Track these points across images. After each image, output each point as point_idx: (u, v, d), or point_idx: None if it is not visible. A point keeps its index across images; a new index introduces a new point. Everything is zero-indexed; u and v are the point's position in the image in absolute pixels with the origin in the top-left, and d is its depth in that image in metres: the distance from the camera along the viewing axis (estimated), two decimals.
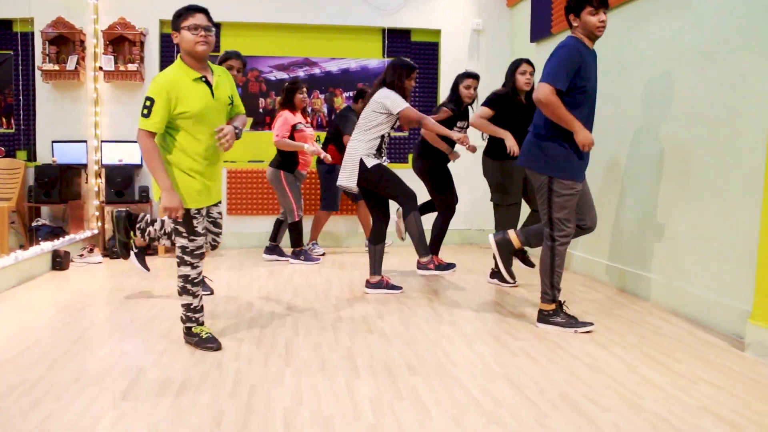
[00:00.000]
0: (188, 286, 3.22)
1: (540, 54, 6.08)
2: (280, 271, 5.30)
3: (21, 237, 5.84)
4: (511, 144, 4.45)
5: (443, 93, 6.89)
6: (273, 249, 5.87)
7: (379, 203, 4.49)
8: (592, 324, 3.60)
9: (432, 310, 4.05)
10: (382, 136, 4.35)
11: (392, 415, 2.41)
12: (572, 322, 3.60)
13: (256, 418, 2.37)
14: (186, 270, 3.20)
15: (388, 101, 4.26)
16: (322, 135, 6.55)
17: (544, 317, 3.65)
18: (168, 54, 6.55)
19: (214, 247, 3.59)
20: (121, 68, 6.27)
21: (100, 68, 6.29)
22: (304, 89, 5.69)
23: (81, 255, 5.64)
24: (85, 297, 4.35)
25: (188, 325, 3.26)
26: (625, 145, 4.61)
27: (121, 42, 6.35)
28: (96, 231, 6.24)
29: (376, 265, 4.52)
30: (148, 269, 4.39)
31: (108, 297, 4.34)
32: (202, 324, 3.28)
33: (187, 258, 3.19)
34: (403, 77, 4.37)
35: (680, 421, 2.38)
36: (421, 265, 4.43)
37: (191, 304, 3.24)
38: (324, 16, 6.68)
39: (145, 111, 2.98)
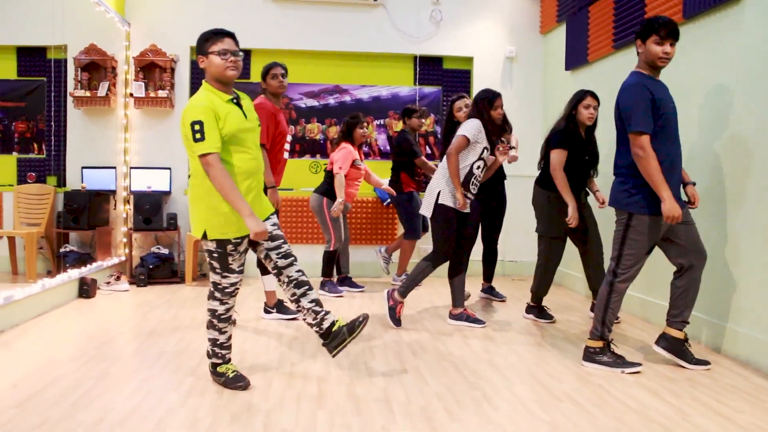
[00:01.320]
0: (215, 321, 3.10)
1: (576, 82, 5.96)
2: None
3: (49, 263, 5.80)
4: (572, 213, 4.27)
5: None
6: (343, 281, 5.78)
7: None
8: (640, 365, 3.41)
9: (468, 347, 3.89)
10: (470, 169, 4.25)
11: None
12: (619, 362, 3.42)
13: None
14: (214, 305, 3.09)
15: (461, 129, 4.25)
16: (385, 165, 6.36)
17: (589, 355, 3.48)
18: (198, 81, 6.53)
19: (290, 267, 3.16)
20: (152, 95, 6.26)
21: (131, 95, 6.29)
22: (365, 124, 5.63)
23: (108, 282, 5.58)
24: (111, 328, 4.26)
25: (214, 361, 3.13)
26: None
27: (152, 68, 6.35)
28: (123, 258, 6.19)
29: (456, 298, 4.45)
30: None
31: (134, 329, 4.25)
32: (228, 362, 3.15)
33: (217, 294, 3.07)
34: (485, 109, 4.27)
35: None
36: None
37: (217, 340, 3.12)
38: (355, 43, 6.63)
39: (198, 135, 2.82)
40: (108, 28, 6.17)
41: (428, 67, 6.82)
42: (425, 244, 6.03)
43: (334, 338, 3.11)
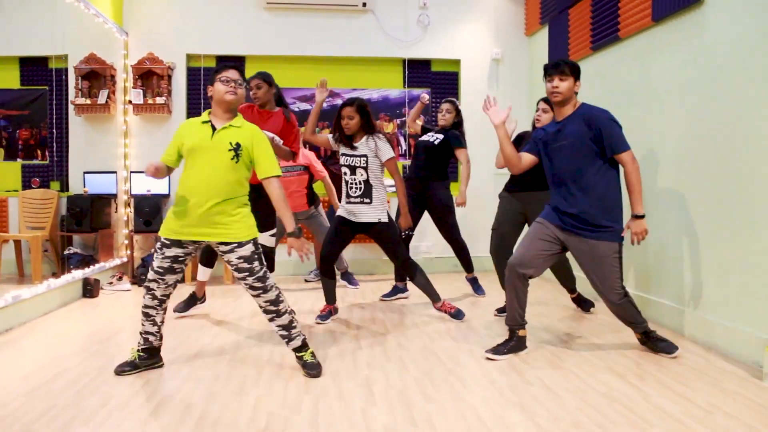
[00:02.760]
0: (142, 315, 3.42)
1: None
2: (303, 300, 5.39)
3: (53, 265, 6.02)
4: None
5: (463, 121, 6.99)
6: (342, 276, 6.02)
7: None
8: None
9: (452, 339, 4.10)
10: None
11: None
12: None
13: None
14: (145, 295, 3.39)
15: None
16: None
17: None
18: (194, 87, 6.76)
19: (255, 298, 3.37)
20: (150, 101, 6.49)
21: (130, 102, 6.51)
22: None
23: (110, 283, 5.81)
24: (114, 325, 4.48)
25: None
26: (644, 176, 4.63)
27: (150, 76, 6.58)
28: (125, 259, 6.41)
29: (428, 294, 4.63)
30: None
31: (135, 325, 4.46)
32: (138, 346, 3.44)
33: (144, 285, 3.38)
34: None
35: None
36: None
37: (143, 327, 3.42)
38: (345, 48, 6.84)
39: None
40: (107, 37, 6.39)
41: (417, 70, 7.04)
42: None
43: (299, 359, 3.44)
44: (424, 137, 5.34)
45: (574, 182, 3.55)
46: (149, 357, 3.42)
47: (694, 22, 4.05)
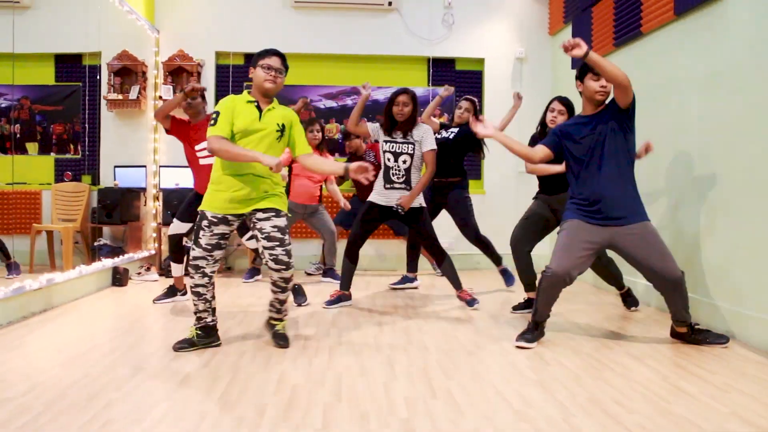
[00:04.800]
0: (194, 293, 3.50)
1: None
2: (327, 290, 5.48)
3: (84, 256, 6.18)
4: None
5: (487, 119, 7.05)
6: (326, 272, 6.10)
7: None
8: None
9: (472, 325, 4.16)
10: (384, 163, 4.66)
11: (426, 412, 2.54)
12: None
13: (297, 412, 2.53)
14: (193, 274, 3.45)
15: None
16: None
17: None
18: (223, 83, 6.91)
19: (274, 272, 3.45)
20: None
21: (160, 97, 6.68)
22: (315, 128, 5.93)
23: (139, 273, 5.95)
24: (143, 309, 4.61)
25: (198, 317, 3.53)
26: (665, 167, 4.66)
27: (180, 72, 6.74)
28: (153, 251, 6.57)
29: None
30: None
31: (163, 309, 4.59)
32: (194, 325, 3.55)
33: (189, 268, 3.46)
34: (387, 106, 4.62)
35: (707, 423, 2.44)
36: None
37: (196, 305, 3.52)
38: (371, 46, 6.95)
39: (212, 122, 3.34)
40: (139, 35, 6.57)
41: (441, 69, 7.12)
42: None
43: (268, 326, 3.71)
44: (441, 135, 5.36)
45: (614, 171, 3.58)
46: (206, 336, 3.51)
47: (716, 15, 4.08)
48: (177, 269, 4.86)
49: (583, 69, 3.63)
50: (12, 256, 4.79)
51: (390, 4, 6.85)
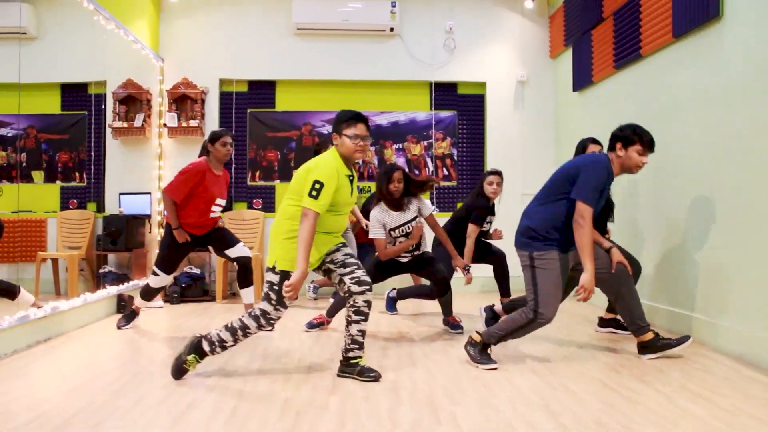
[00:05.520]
0: (239, 333, 3.37)
1: (583, 102, 6.24)
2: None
3: (89, 284, 6.20)
4: None
5: (489, 142, 7.10)
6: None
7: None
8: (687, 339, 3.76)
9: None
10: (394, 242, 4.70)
11: None
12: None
13: None
14: (251, 324, 3.35)
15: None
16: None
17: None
18: (226, 111, 6.97)
19: (358, 295, 3.40)
20: (184, 124, 6.71)
21: (165, 125, 6.74)
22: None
23: None
24: (148, 336, 4.61)
25: (203, 348, 3.39)
26: (667, 187, 4.67)
27: (184, 100, 6.81)
28: None
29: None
30: None
31: (168, 336, 4.59)
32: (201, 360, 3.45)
33: (262, 321, 3.35)
34: (381, 184, 4.57)
35: None
36: None
37: (226, 342, 3.39)
38: (373, 71, 7.01)
39: (314, 192, 3.21)
40: (143, 63, 6.65)
41: (443, 93, 7.18)
42: None
43: (348, 367, 3.44)
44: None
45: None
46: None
47: (713, 36, 4.12)
48: (143, 303, 4.91)
49: (631, 139, 3.59)
50: (18, 290, 4.68)
51: (392, 29, 6.92)
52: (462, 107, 7.20)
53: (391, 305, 5.60)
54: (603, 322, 4.70)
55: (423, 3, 7.06)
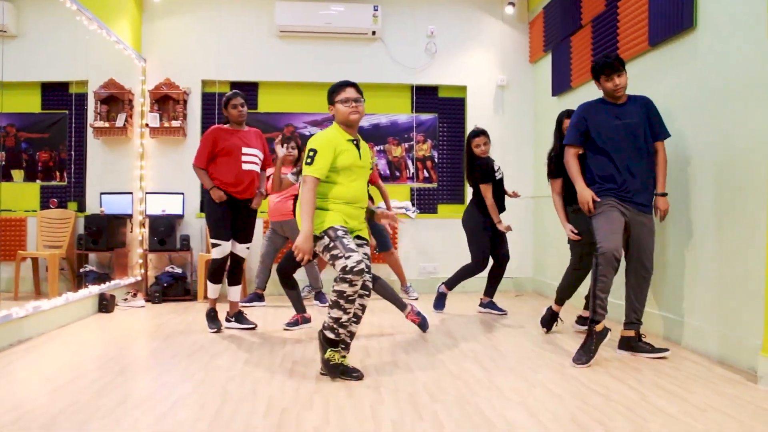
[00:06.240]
0: (341, 302, 3.37)
1: (561, 107, 6.34)
2: (316, 314, 5.51)
3: (70, 284, 6.18)
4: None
5: None
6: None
7: None
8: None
9: (457, 348, 4.22)
10: None
11: None
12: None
13: None
14: (344, 287, 3.32)
15: None
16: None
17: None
18: (209, 111, 6.98)
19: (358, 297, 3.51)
20: (166, 125, 6.72)
21: (147, 125, 6.74)
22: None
23: (125, 299, 5.96)
24: (130, 335, 4.63)
25: (330, 336, 3.43)
26: None
27: (166, 101, 6.82)
28: (139, 278, 6.58)
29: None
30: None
31: (150, 336, 4.61)
32: (337, 347, 3.47)
33: (348, 276, 3.29)
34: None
35: None
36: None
37: (340, 318, 3.40)
38: (355, 74, 7.01)
39: (309, 160, 3.39)
40: (126, 63, 6.65)
41: (424, 96, 7.25)
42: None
43: (328, 366, 3.46)
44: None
45: (648, 156, 3.92)
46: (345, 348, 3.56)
47: (688, 45, 4.24)
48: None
49: (595, 75, 3.99)
50: None
51: (374, 33, 6.99)
52: (443, 110, 7.28)
53: (440, 303, 5.66)
54: (581, 320, 4.82)
55: (405, 7, 7.13)
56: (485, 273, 5.53)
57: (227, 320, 4.93)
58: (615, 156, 3.91)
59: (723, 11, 3.91)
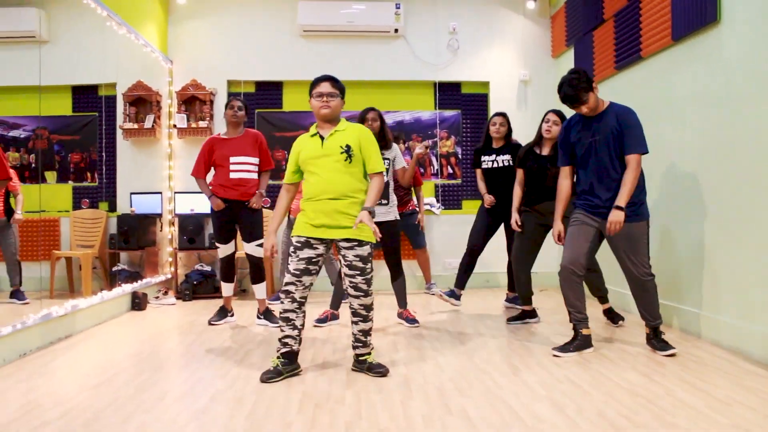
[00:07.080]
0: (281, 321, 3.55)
1: None
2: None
3: (102, 282, 6.34)
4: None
5: None
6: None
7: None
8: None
9: (483, 343, 4.29)
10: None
11: (442, 428, 2.67)
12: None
13: (322, 429, 2.66)
14: (283, 299, 3.53)
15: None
16: None
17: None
18: None
19: (354, 298, 3.58)
20: (193, 125, 6.85)
21: (174, 126, 6.88)
22: None
23: (157, 297, 6.11)
24: (163, 333, 4.77)
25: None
26: (667, 187, 4.80)
27: (193, 101, 6.95)
28: (169, 275, 6.73)
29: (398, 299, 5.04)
30: None
31: (184, 333, 4.75)
32: (278, 351, 3.56)
33: (281, 294, 3.54)
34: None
35: None
36: None
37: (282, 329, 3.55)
38: (379, 72, 7.15)
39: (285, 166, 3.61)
40: (153, 66, 6.78)
41: (447, 93, 7.31)
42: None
43: (358, 363, 3.64)
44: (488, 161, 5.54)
45: (614, 170, 3.88)
46: (290, 363, 3.52)
47: (712, 39, 4.24)
48: (227, 289, 5.15)
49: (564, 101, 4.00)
50: (21, 283, 4.90)
51: (396, 31, 7.05)
52: (465, 106, 7.33)
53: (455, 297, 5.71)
54: (606, 313, 4.93)
55: (427, 4, 7.19)
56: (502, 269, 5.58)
57: (258, 317, 5.06)
58: (583, 172, 4.05)
59: (747, 4, 3.91)
